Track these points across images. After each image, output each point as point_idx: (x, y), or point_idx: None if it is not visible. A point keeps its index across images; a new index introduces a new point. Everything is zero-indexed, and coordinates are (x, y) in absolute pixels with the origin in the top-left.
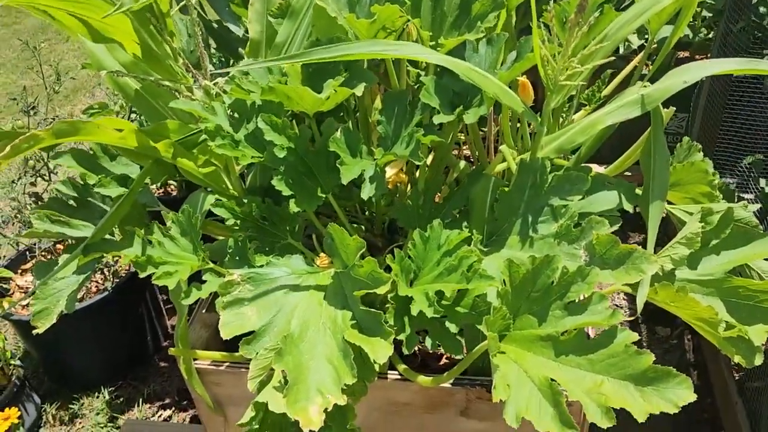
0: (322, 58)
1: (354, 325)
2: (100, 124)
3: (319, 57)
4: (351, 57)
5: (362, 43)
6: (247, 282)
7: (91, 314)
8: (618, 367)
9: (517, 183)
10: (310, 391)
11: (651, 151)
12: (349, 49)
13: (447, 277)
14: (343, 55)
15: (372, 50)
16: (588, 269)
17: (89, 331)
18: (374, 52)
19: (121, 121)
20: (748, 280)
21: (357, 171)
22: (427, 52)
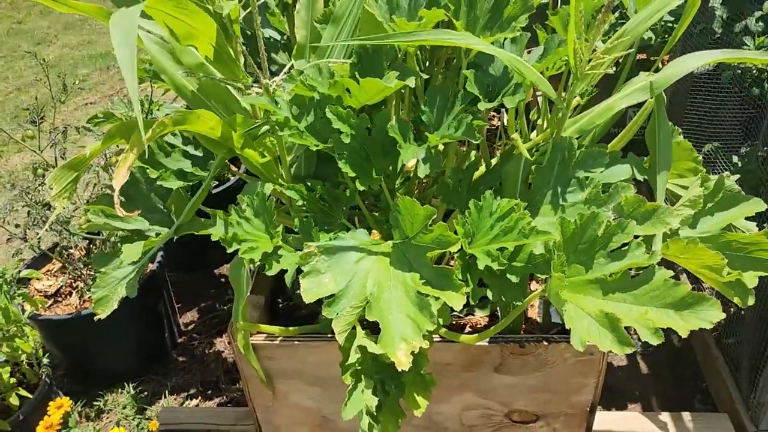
0: (400, 41)
1: (424, 283)
2: (200, 115)
3: (396, 40)
4: (424, 42)
5: (433, 30)
6: (322, 253)
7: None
8: (659, 298)
9: (549, 159)
10: (395, 339)
11: (656, 129)
12: (421, 35)
13: (504, 237)
14: (418, 40)
15: (442, 37)
16: (627, 221)
17: (111, 329)
18: (444, 39)
19: (211, 115)
20: (740, 234)
21: (413, 153)
22: (484, 43)
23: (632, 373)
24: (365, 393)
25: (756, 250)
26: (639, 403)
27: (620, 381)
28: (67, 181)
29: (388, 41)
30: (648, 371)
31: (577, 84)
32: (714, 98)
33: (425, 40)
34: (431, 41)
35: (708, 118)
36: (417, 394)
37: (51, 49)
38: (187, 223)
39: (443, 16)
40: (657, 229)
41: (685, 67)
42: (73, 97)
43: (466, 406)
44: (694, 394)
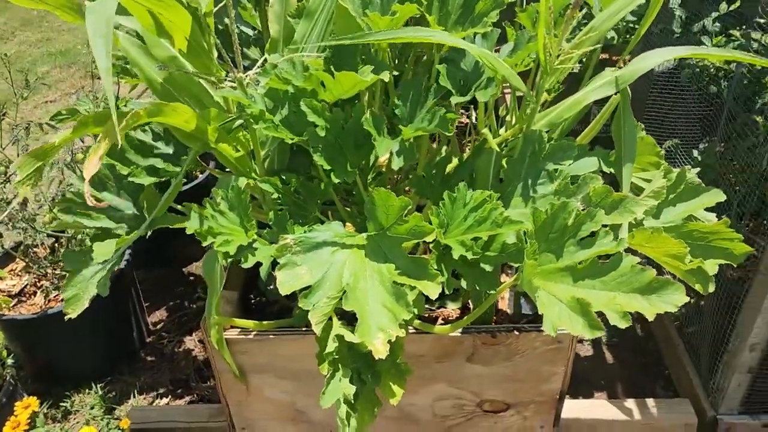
0: (376, 40)
1: (400, 273)
2: (176, 107)
3: (373, 39)
4: (399, 40)
5: (406, 28)
6: (298, 245)
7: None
8: (627, 283)
9: (519, 152)
10: (372, 328)
11: (621, 122)
12: (396, 34)
13: (478, 227)
14: (393, 38)
15: (416, 35)
16: (595, 211)
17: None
18: (418, 37)
19: (186, 108)
20: (700, 223)
21: (388, 146)
22: (456, 39)
23: (598, 362)
24: (342, 382)
25: (716, 239)
26: (605, 392)
27: (586, 371)
28: (32, 168)
29: (363, 40)
30: (613, 360)
31: (546, 79)
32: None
33: (400, 37)
34: (405, 39)
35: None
36: (393, 383)
37: (8, 45)
38: (160, 218)
39: (416, 11)
40: (624, 218)
41: (650, 62)
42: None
43: (438, 396)
44: (657, 381)
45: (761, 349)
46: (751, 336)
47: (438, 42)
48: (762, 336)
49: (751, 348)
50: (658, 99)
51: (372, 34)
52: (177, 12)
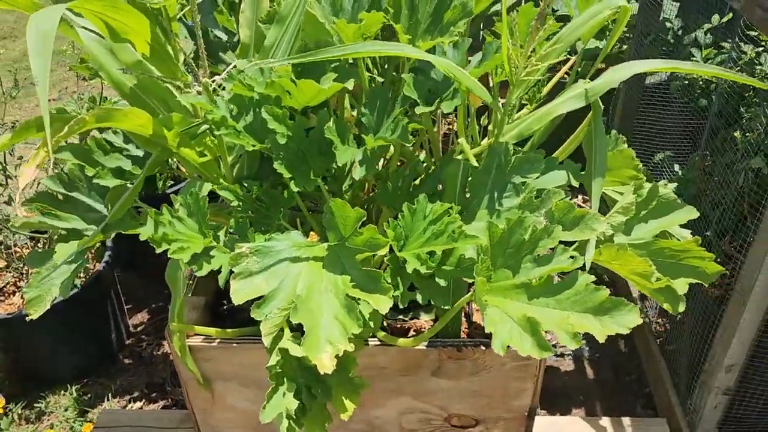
0: (334, 56)
1: (354, 286)
2: (127, 113)
3: (330, 55)
4: (359, 55)
5: (367, 43)
6: (254, 254)
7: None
8: (580, 302)
9: (485, 164)
10: (321, 342)
11: (592, 136)
12: (357, 48)
13: (435, 240)
14: (353, 53)
15: (376, 49)
16: (552, 227)
17: (56, 329)
18: (378, 51)
19: (141, 112)
20: (672, 241)
21: (350, 155)
22: (419, 52)
23: (578, 378)
24: (286, 396)
25: (687, 257)
26: (583, 408)
27: (566, 386)
28: None
29: (322, 57)
30: (594, 376)
31: (514, 90)
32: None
33: (360, 52)
34: (367, 53)
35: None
36: (345, 398)
37: (16, 44)
38: (117, 222)
39: (383, 19)
40: (585, 234)
41: (621, 75)
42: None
43: (404, 409)
44: (637, 399)
45: (738, 371)
46: (726, 357)
47: (400, 55)
48: (738, 357)
49: (727, 369)
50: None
51: (331, 49)
52: (133, 17)
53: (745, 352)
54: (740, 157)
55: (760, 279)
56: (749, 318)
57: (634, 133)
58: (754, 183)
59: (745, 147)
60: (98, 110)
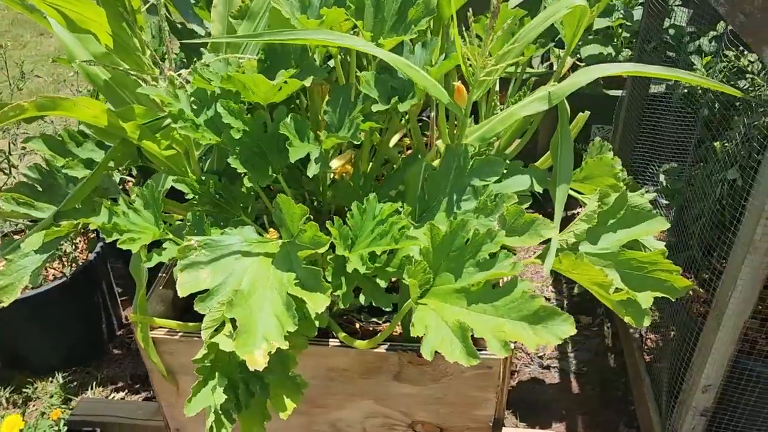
0: (273, 40)
1: (297, 283)
2: (76, 102)
3: (270, 39)
4: (299, 41)
5: (310, 30)
6: (203, 248)
7: (48, 301)
8: (516, 310)
9: (442, 166)
10: (257, 337)
11: (558, 140)
12: (298, 34)
13: (380, 240)
14: (293, 39)
15: (318, 37)
16: (496, 231)
17: (45, 317)
18: (320, 39)
19: (94, 102)
20: (638, 252)
21: (303, 152)
22: (367, 45)
23: (563, 391)
24: (216, 391)
25: (655, 270)
26: (564, 423)
27: (549, 399)
28: None
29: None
30: (579, 391)
31: (473, 91)
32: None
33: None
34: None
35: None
36: (286, 396)
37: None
38: (70, 211)
39: (344, 16)
40: (533, 240)
41: (586, 78)
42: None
43: (367, 413)
44: (621, 417)
45: (715, 392)
46: (702, 376)
47: (349, 47)
48: (714, 378)
49: (704, 389)
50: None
51: (277, 33)
52: (89, 8)
53: (721, 372)
54: (719, 168)
55: (734, 297)
56: (723, 337)
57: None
58: (729, 195)
59: (723, 157)
60: (41, 99)
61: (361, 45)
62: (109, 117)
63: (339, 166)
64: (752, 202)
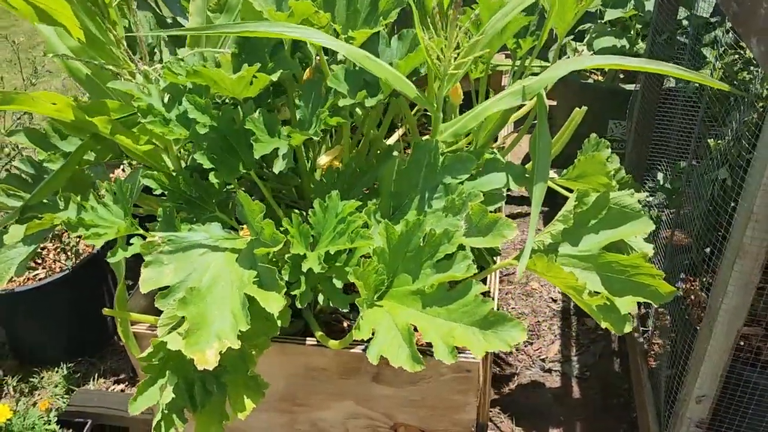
0: (225, 32)
1: (256, 281)
2: (35, 96)
3: (221, 31)
4: (252, 34)
5: (263, 22)
6: (167, 244)
7: (53, 292)
8: (469, 314)
9: (412, 162)
10: (211, 335)
11: (536, 136)
12: (250, 27)
13: (338, 240)
14: (245, 32)
15: (271, 29)
16: (453, 232)
17: (51, 308)
18: (273, 32)
19: (57, 95)
20: (619, 255)
21: (269, 147)
22: (324, 37)
23: (563, 396)
24: (165, 390)
25: (637, 274)
26: (561, 429)
27: (548, 404)
28: None
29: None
30: (580, 396)
31: (443, 85)
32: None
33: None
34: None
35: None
36: (246, 396)
37: None
38: (37, 205)
39: (312, 9)
40: (495, 241)
41: (558, 72)
42: None
43: (349, 414)
44: (621, 425)
45: (710, 403)
46: (696, 386)
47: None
48: (708, 388)
49: (698, 400)
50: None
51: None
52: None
53: (716, 382)
54: (712, 167)
55: (725, 303)
56: (716, 345)
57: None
58: (719, 196)
59: (716, 155)
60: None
61: (318, 38)
62: (75, 112)
63: (328, 161)
64: (741, 203)
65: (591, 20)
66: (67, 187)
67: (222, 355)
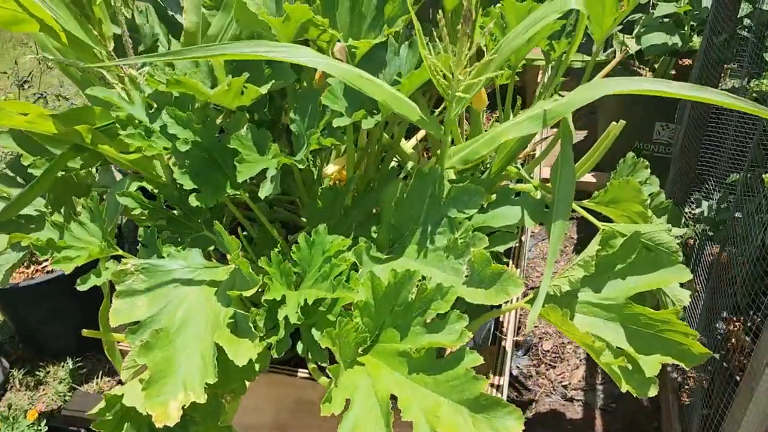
0: (195, 57)
1: (231, 322)
2: (3, 107)
3: (192, 56)
4: (227, 57)
5: (242, 43)
6: (141, 272)
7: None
8: (458, 390)
9: (413, 191)
10: (177, 385)
11: (558, 167)
12: (226, 49)
13: (320, 284)
14: (220, 54)
15: (250, 51)
16: (447, 288)
17: (60, 302)
18: (251, 53)
19: (27, 105)
20: (647, 309)
21: (256, 169)
22: (312, 56)
23: (583, 429)
24: None
25: (667, 331)
26: None
27: None
28: None
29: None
30: (602, 430)
31: (451, 108)
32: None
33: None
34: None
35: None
36: None
37: None
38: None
39: (309, 14)
40: (498, 298)
41: (588, 94)
42: None
43: None
44: None
45: None
46: None
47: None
48: None
49: None
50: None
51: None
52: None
53: None
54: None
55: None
56: (755, 411)
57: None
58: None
59: None
60: None
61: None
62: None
63: (335, 171)
64: None
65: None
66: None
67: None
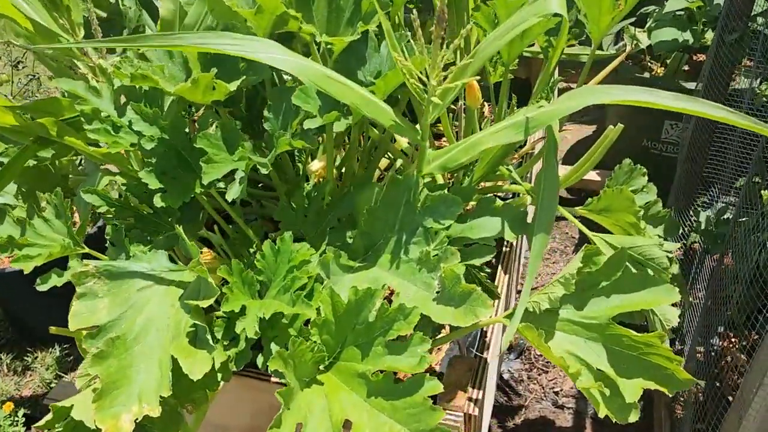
0: (151, 46)
1: (192, 332)
2: None
3: (149, 44)
4: (181, 48)
5: (201, 34)
6: (102, 274)
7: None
8: (415, 419)
9: (387, 199)
10: (131, 397)
11: (541, 178)
12: (181, 40)
13: (282, 296)
14: (173, 45)
15: (203, 43)
16: (410, 309)
17: None
18: (205, 46)
19: None
20: (630, 330)
21: (223, 170)
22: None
23: None
24: None
25: (651, 354)
26: None
27: None
28: None
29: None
30: None
31: (428, 112)
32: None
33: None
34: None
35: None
36: None
37: None
38: None
39: (282, 7)
40: (467, 318)
41: (575, 102)
42: None
43: None
44: None
45: None
46: None
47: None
48: None
49: None
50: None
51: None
52: None
53: None
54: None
55: (759, 396)
56: None
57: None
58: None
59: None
60: None
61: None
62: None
63: (320, 167)
64: None
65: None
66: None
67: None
